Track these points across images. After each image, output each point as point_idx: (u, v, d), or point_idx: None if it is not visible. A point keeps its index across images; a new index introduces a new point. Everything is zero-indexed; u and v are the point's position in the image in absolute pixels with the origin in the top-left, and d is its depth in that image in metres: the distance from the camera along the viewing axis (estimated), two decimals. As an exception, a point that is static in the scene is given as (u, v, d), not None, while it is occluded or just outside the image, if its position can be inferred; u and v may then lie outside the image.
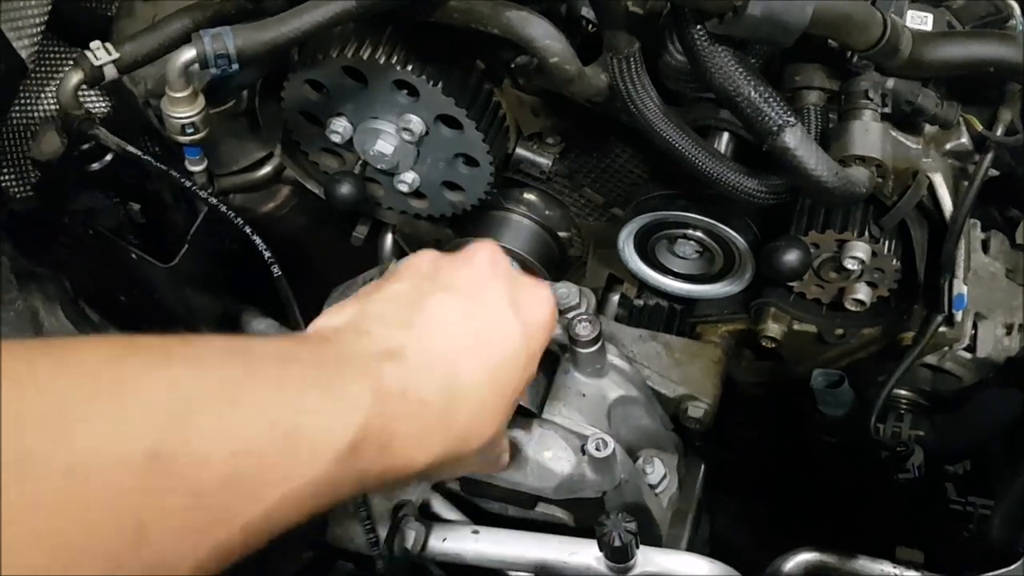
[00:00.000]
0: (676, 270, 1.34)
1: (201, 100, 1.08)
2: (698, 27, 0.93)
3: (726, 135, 1.16)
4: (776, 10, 0.87)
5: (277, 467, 0.54)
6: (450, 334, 0.69)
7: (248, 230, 0.88)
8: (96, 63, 1.01)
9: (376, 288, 0.73)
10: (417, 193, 1.35)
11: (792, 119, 0.95)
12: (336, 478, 0.58)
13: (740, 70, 0.94)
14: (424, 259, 0.77)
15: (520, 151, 1.32)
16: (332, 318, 0.70)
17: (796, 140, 0.95)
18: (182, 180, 1.01)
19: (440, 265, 0.76)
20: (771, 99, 0.95)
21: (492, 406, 0.71)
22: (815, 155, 0.95)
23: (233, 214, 0.93)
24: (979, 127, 1.10)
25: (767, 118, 0.95)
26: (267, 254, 0.84)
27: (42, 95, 1.32)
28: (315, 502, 0.57)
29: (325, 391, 0.58)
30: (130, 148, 1.03)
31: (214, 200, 0.97)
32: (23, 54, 1.24)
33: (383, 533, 0.97)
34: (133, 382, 0.49)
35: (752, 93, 0.94)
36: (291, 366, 0.58)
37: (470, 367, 0.69)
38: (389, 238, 1.54)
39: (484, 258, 0.77)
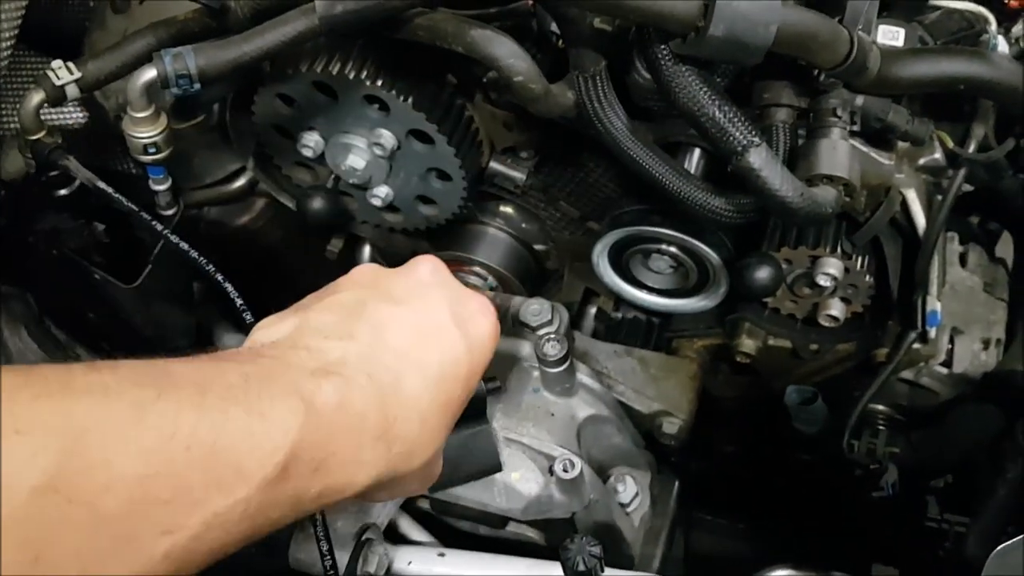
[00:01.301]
0: (651, 284, 1.34)
1: (163, 119, 1.07)
2: (662, 47, 0.92)
3: (697, 151, 1.15)
4: (738, 30, 0.86)
5: (195, 491, 0.52)
6: (390, 346, 0.68)
7: (199, 258, 0.87)
8: (57, 83, 1.00)
9: (317, 298, 0.72)
10: (391, 207, 1.34)
11: (756, 139, 0.94)
12: (267, 501, 0.56)
13: (704, 90, 0.93)
14: (366, 271, 0.76)
15: (494, 165, 1.31)
16: (270, 331, 0.68)
17: (761, 160, 0.94)
18: (141, 213, 1.00)
19: (381, 276, 0.75)
20: (736, 119, 0.94)
21: (434, 420, 0.69)
22: (779, 175, 0.94)
23: (185, 245, 0.92)
24: (950, 144, 1.09)
25: (731, 138, 0.94)
26: (219, 277, 0.82)
27: (15, 109, 1.32)
28: (246, 526, 0.55)
29: (250, 410, 0.56)
30: (100, 184, 1.02)
31: (167, 233, 0.95)
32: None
33: (345, 557, 0.96)
34: (26, 415, 0.48)
35: (716, 113, 0.94)
36: (213, 385, 0.56)
37: (412, 380, 0.67)
38: (366, 251, 1.53)
39: (426, 269, 0.76)
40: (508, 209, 1.41)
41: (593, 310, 1.45)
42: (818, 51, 0.93)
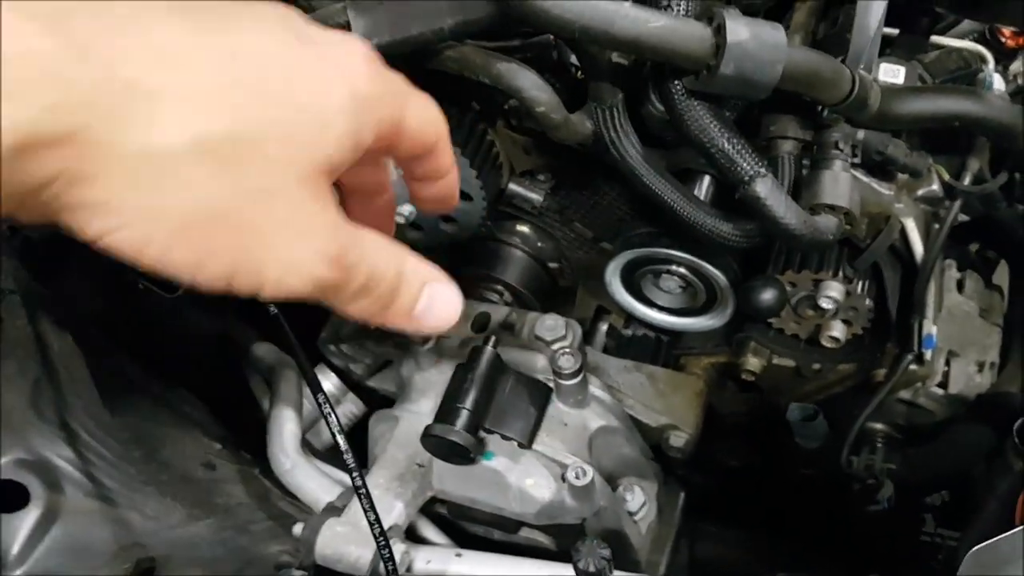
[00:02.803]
0: (661, 303, 1.39)
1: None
2: (676, 83, 0.99)
3: (707, 179, 1.21)
4: (747, 69, 0.92)
5: None
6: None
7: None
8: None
9: None
10: (414, 225, 1.41)
11: (763, 170, 1.00)
12: None
13: (715, 123, 1.00)
14: None
15: (513, 187, 1.37)
16: None
17: (767, 190, 1.00)
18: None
19: None
20: (743, 151, 1.00)
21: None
22: (784, 204, 1.00)
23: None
24: (946, 177, 1.15)
25: (739, 168, 1.00)
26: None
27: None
28: None
29: None
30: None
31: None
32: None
33: (368, 554, 1.02)
34: None
35: (725, 145, 1.00)
36: None
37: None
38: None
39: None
40: (525, 228, 1.47)
41: (604, 327, 1.51)
42: (822, 88, 0.99)
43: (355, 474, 0.85)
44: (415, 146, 0.65)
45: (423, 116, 0.65)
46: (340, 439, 0.83)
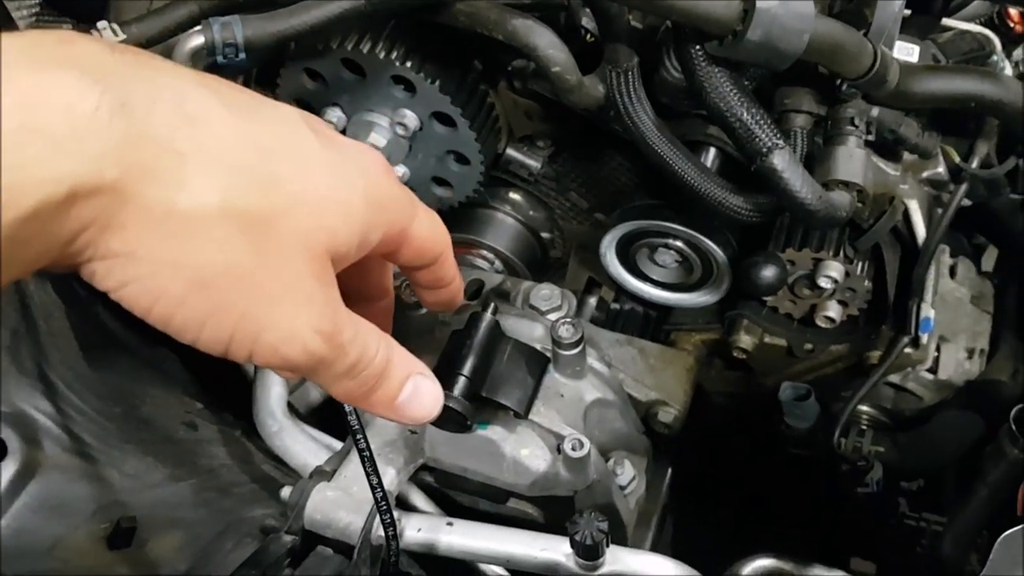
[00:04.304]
0: (655, 278, 1.38)
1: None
2: (697, 47, 0.96)
3: (713, 150, 1.19)
4: (774, 36, 0.90)
5: None
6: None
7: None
8: (102, 42, 1.02)
9: None
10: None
11: (781, 142, 0.99)
12: None
13: (735, 91, 0.97)
14: None
15: (511, 152, 1.35)
16: None
17: (784, 162, 0.98)
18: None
19: None
20: (762, 121, 0.98)
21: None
22: (801, 178, 0.98)
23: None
24: (956, 158, 1.14)
25: (757, 139, 0.98)
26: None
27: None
28: None
29: None
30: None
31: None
32: (21, 25, 1.25)
33: (360, 521, 0.99)
34: None
35: (745, 114, 0.98)
36: None
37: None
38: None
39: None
40: (517, 196, 1.44)
41: (594, 300, 1.49)
42: (844, 61, 0.97)
43: (359, 436, 0.82)
44: (419, 256, 0.70)
45: (429, 229, 0.69)
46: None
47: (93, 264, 0.50)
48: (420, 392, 0.65)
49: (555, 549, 1.04)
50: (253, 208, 0.52)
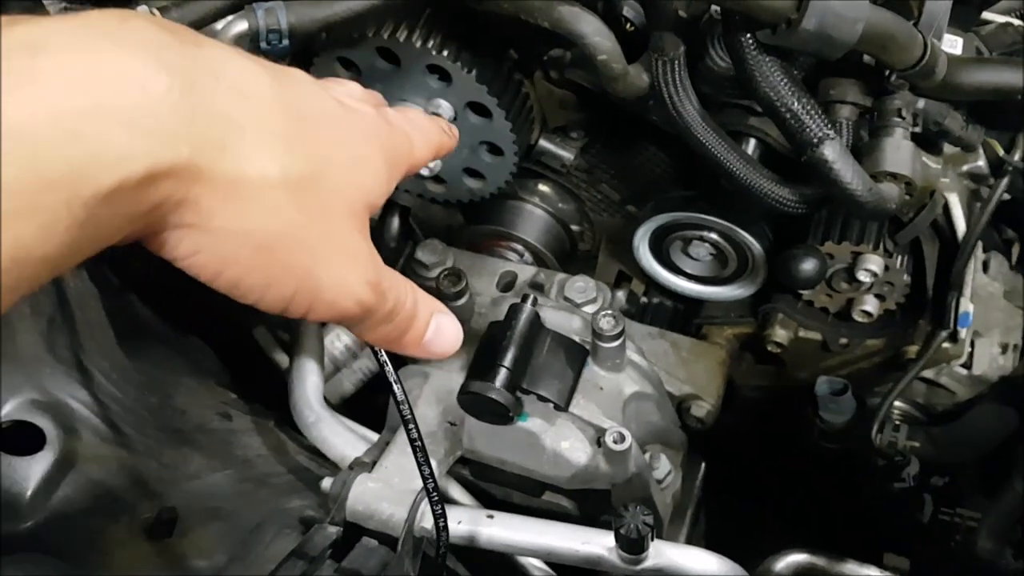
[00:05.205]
0: (688, 271, 1.37)
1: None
2: (748, 36, 0.95)
3: (753, 141, 1.18)
4: (828, 25, 0.89)
5: None
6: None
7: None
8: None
9: None
10: (437, 178, 1.36)
11: (832, 133, 0.98)
12: None
13: (785, 81, 0.96)
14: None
15: (543, 143, 1.33)
16: None
17: (835, 153, 0.97)
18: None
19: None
20: (813, 112, 0.97)
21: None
22: (851, 169, 0.97)
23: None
24: (1000, 151, 1.13)
25: (808, 130, 0.97)
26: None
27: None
28: None
29: None
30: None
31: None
32: (51, 10, 1.23)
33: (402, 513, 0.98)
34: None
35: (796, 104, 0.97)
36: None
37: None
38: (396, 220, 1.54)
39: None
40: (546, 188, 1.43)
41: (623, 293, 1.48)
42: (894, 51, 0.96)
43: (411, 426, 0.81)
44: (429, 158, 0.73)
45: (427, 148, 0.72)
46: (397, 388, 0.79)
47: (164, 235, 0.51)
48: (443, 329, 0.67)
49: (597, 543, 1.02)
50: (304, 173, 0.55)
